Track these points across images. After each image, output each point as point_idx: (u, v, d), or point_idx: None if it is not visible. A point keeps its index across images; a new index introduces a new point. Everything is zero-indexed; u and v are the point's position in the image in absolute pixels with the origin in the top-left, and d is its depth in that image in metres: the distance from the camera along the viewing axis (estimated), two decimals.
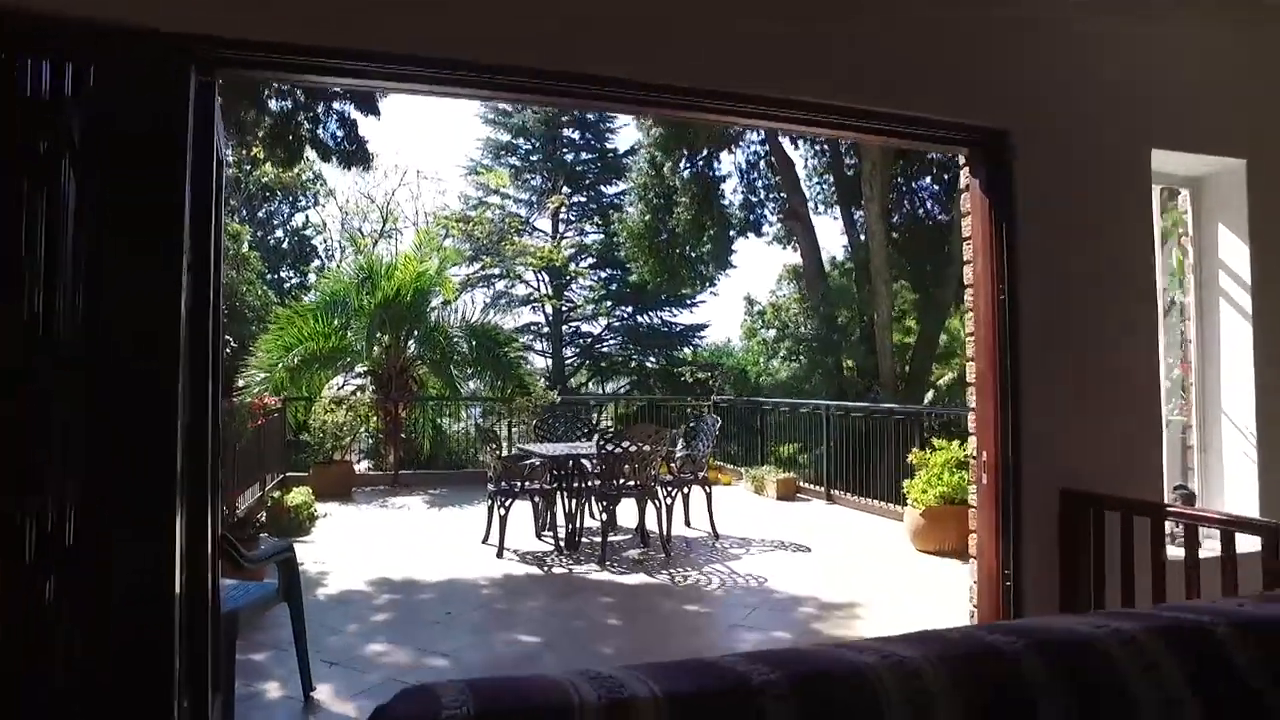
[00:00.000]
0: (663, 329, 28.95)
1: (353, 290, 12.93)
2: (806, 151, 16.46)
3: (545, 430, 9.15)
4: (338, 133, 9.51)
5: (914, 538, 7.42)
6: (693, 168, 14.94)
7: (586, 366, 31.15)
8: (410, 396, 13.32)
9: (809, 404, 11.07)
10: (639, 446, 7.12)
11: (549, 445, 8.43)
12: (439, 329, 12.99)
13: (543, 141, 28.21)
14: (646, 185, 15.80)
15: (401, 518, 9.36)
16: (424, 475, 12.24)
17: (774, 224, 17.00)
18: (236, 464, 7.73)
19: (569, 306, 29.55)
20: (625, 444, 7.11)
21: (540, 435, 9.09)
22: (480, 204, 26.42)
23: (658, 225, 15.88)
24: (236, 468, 7.67)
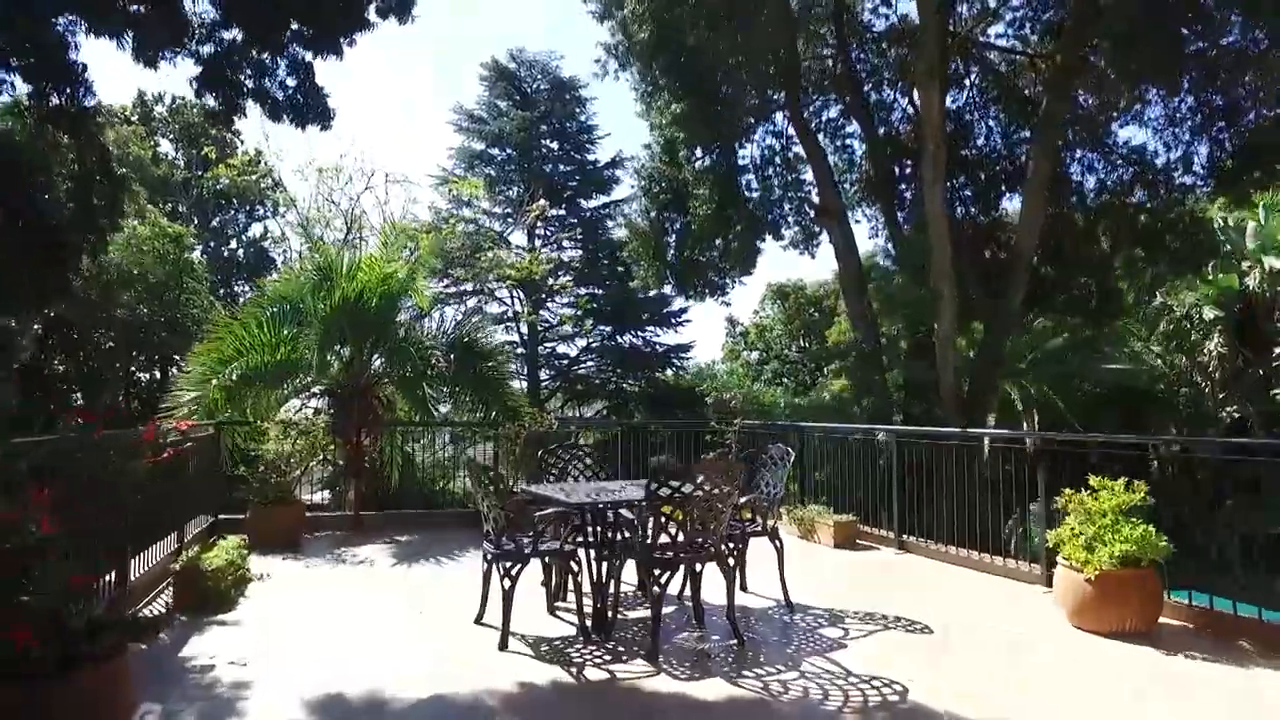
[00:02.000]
0: (645, 349, 26.80)
1: (307, 293, 10.59)
2: (837, 141, 14.54)
3: (553, 466, 6.89)
4: (288, 81, 7.25)
5: (1076, 612, 5.29)
6: (711, 156, 12.88)
7: (563, 390, 28.92)
8: (375, 421, 10.98)
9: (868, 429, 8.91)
10: (718, 489, 4.93)
11: (561, 487, 6.20)
12: (410, 340, 10.67)
13: (520, 151, 26.09)
14: (654, 178, 13.68)
15: (363, 579, 7.00)
16: (391, 517, 9.87)
17: (793, 225, 15.00)
18: (128, 515, 5.39)
19: (545, 326, 27.34)
20: (700, 486, 4.91)
21: (547, 473, 6.83)
22: (451, 216, 24.16)
23: (664, 224, 13.77)
24: (127, 520, 5.32)
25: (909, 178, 13.54)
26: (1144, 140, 12.75)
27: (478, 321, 12.48)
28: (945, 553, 7.54)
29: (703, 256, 14.06)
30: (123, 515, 5.35)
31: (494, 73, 26.55)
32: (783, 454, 6.31)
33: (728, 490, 5.04)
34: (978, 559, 7.16)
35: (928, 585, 6.74)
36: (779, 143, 14.04)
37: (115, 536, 5.31)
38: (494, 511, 5.20)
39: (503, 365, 11.46)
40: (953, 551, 7.47)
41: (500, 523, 5.18)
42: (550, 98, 26.56)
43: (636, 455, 11.52)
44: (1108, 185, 12.79)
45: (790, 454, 6.22)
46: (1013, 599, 6.19)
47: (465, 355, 11.07)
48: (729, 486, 5.04)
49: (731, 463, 5.16)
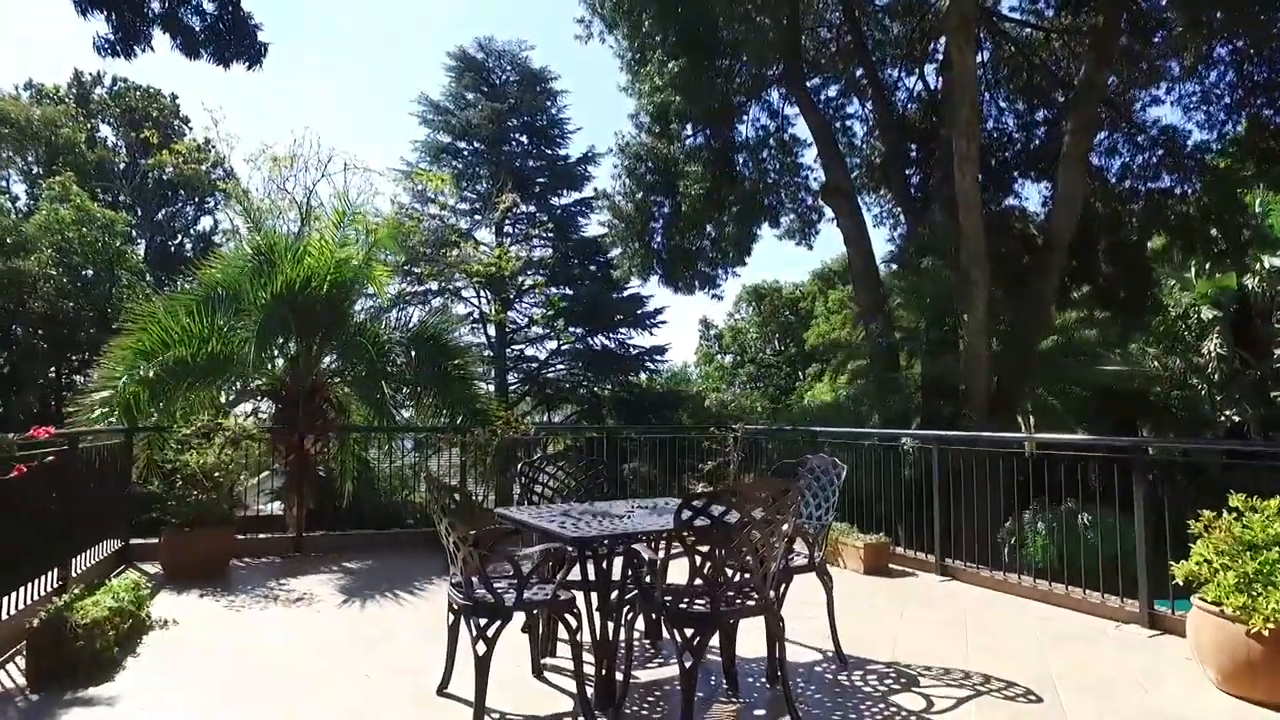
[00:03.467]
0: (618, 352, 25.38)
1: (246, 278, 9.06)
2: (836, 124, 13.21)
3: (535, 483, 5.47)
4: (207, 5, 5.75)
5: (1232, 677, 4.01)
6: (704, 133, 11.50)
7: (532, 394, 27.40)
8: (325, 425, 9.49)
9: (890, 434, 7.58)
10: (774, 518, 3.58)
11: (549, 511, 4.81)
12: (365, 334, 9.17)
13: (488, 144, 24.57)
14: (640, 156, 12.29)
15: (298, 625, 5.50)
16: (343, 539, 8.36)
17: (790, 212, 13.66)
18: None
19: (514, 327, 25.83)
20: (749, 514, 3.54)
21: (528, 491, 5.41)
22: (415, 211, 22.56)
23: (650, 208, 12.38)
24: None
25: (916, 162, 12.35)
26: (1173, 121, 11.60)
27: (443, 316, 10.99)
28: (999, 580, 6.27)
29: (692, 244, 12.71)
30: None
31: (461, 62, 25.04)
32: (827, 467, 4.97)
33: (785, 520, 3.69)
34: (1042, 588, 5.89)
35: (998, 624, 5.43)
36: (774, 123, 12.78)
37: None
38: (463, 549, 3.78)
39: (470, 364, 10.00)
40: (1009, 580, 6.19)
41: (472, 563, 3.76)
42: (520, 90, 25.11)
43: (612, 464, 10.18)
44: (1133, 168, 11.76)
45: (839, 468, 4.88)
46: (1120, 647, 4.89)
47: (429, 352, 9.62)
48: (787, 515, 3.68)
49: (789, 483, 3.79)
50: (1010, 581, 6.16)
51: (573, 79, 34.40)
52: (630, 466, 15.22)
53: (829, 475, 4.91)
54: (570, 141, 25.56)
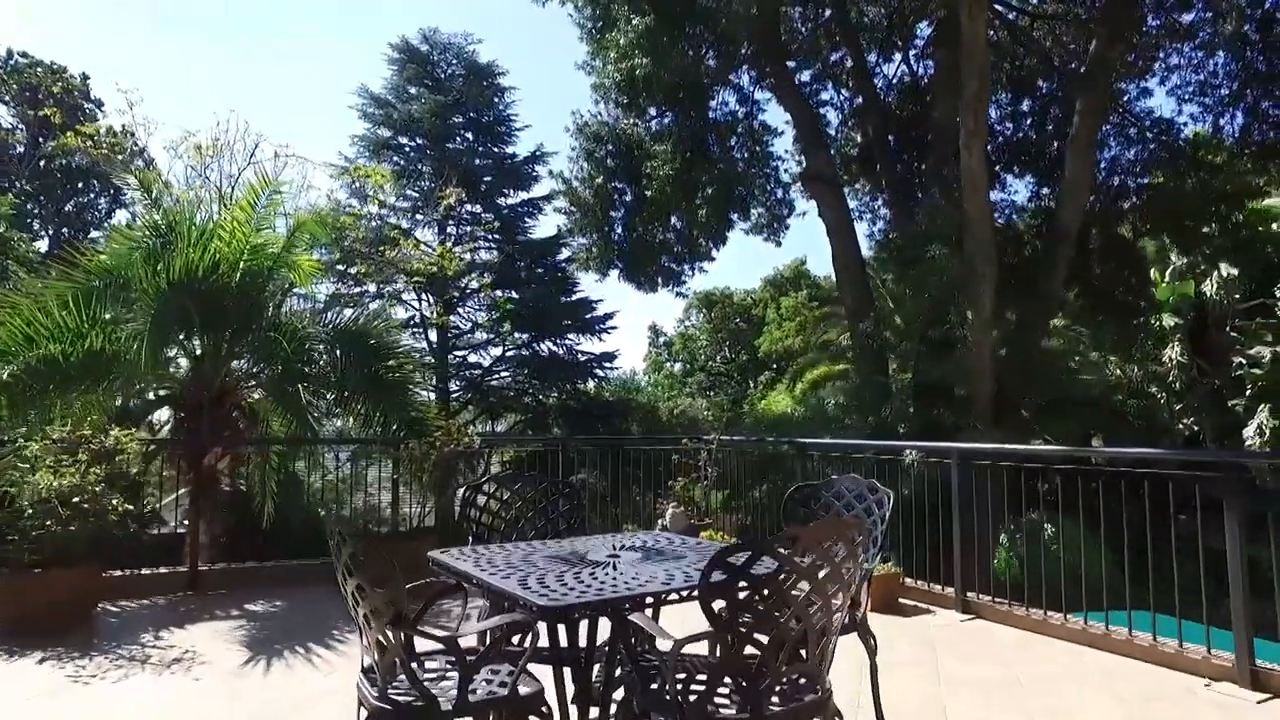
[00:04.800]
0: (566, 358, 24.05)
1: (139, 263, 7.56)
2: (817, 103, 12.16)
3: (484, 511, 4.20)
4: None
5: None
6: (674, 113, 10.31)
7: (475, 402, 25.88)
8: (235, 437, 8.06)
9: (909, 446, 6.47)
10: (849, 575, 2.42)
11: (502, 554, 3.57)
12: (283, 330, 7.74)
13: (431, 139, 23.07)
14: (600, 137, 11.06)
15: (169, 703, 4.09)
16: (251, 572, 6.92)
17: (760, 205, 12.56)
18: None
19: (457, 333, 24.31)
20: (815, 570, 2.36)
21: (473, 524, 4.13)
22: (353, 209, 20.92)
23: (611, 195, 11.15)
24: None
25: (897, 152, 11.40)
26: (1169, 113, 10.87)
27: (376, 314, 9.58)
28: (1037, 620, 5.20)
29: (657, 236, 11.52)
30: None
31: (403, 54, 23.48)
32: (863, 492, 3.82)
33: (852, 578, 2.51)
34: (1094, 630, 4.84)
35: (1058, 681, 4.34)
36: (744, 109, 11.72)
37: None
38: (376, 624, 2.50)
39: (406, 367, 8.63)
40: (1053, 620, 5.13)
41: (393, 647, 2.48)
42: (466, 84, 23.66)
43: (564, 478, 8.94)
44: (1123, 162, 11.06)
45: (878, 493, 3.73)
46: (1224, 715, 3.84)
47: (358, 353, 8.21)
48: (856, 569, 2.51)
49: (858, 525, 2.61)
50: (1052, 622, 5.10)
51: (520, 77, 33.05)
52: (578, 477, 13.97)
53: (866, 503, 3.75)
54: (518, 139, 24.21)
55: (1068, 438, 11.14)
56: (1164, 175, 10.50)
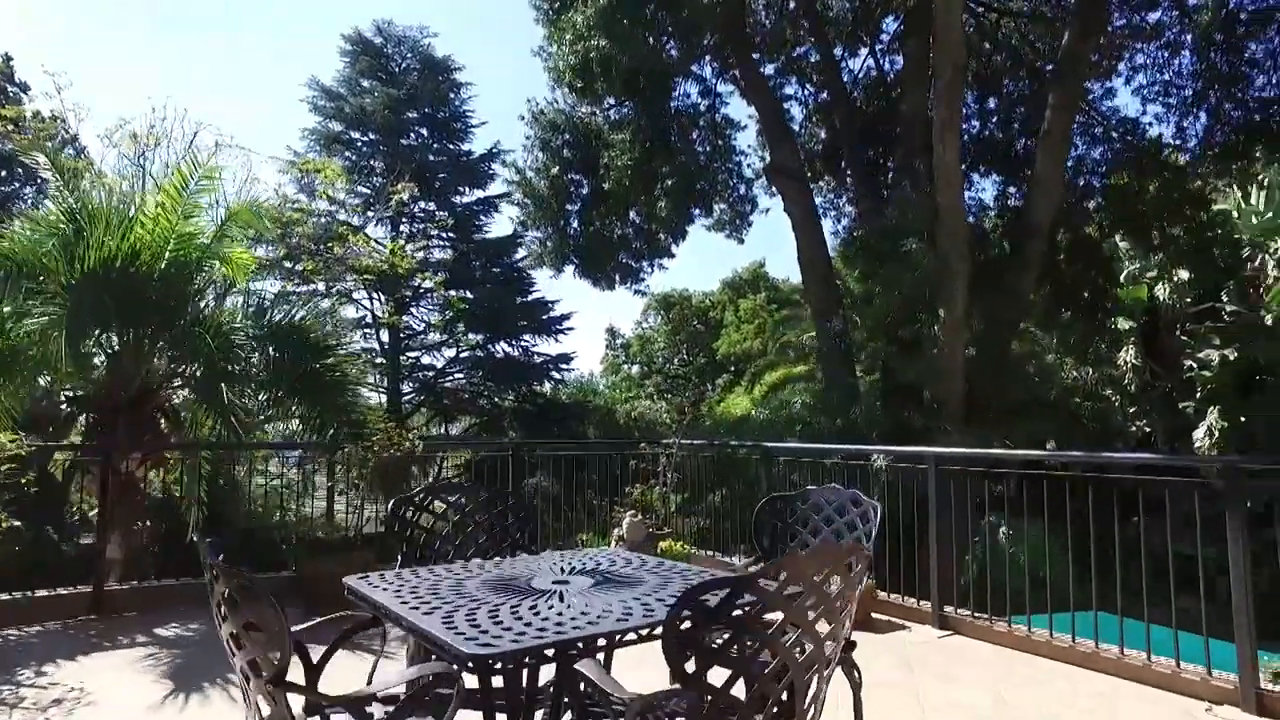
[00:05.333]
0: (521, 360, 23.44)
1: (51, 251, 6.88)
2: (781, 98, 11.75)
3: (417, 526, 3.68)
4: None
5: None
6: (634, 102, 9.78)
7: (429, 404, 25.11)
8: (156, 442, 7.40)
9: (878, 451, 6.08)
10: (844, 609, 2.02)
11: (439, 582, 3.05)
12: (207, 325, 7.10)
13: (384, 134, 22.31)
14: (556, 126, 10.52)
15: None
16: (166, 591, 6.26)
17: (723, 200, 12.12)
18: None
19: (409, 333, 23.56)
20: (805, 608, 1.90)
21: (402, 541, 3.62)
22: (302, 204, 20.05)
23: (568, 187, 10.63)
24: None
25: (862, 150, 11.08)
26: (1134, 112, 10.69)
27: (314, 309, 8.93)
28: (1019, 636, 4.84)
29: (615, 231, 11.02)
30: None
31: (356, 46, 22.68)
32: (844, 504, 3.39)
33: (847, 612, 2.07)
34: (1082, 648, 4.49)
35: (1050, 706, 3.97)
36: (706, 101, 11.29)
37: None
38: (255, 684, 1.98)
39: (347, 366, 8.02)
40: (1037, 637, 4.77)
41: (276, 711, 1.96)
42: (421, 79, 22.94)
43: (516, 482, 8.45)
44: (1088, 162, 10.90)
45: (865, 506, 3.31)
46: None
47: (294, 351, 7.58)
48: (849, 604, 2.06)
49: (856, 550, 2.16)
50: (1036, 639, 4.74)
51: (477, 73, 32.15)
52: (531, 482, 13.40)
53: (849, 517, 3.33)
54: (474, 136, 23.55)
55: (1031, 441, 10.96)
56: (1128, 175, 10.38)
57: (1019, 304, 8.86)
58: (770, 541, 3.54)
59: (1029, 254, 8.84)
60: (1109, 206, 10.20)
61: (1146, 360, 16.75)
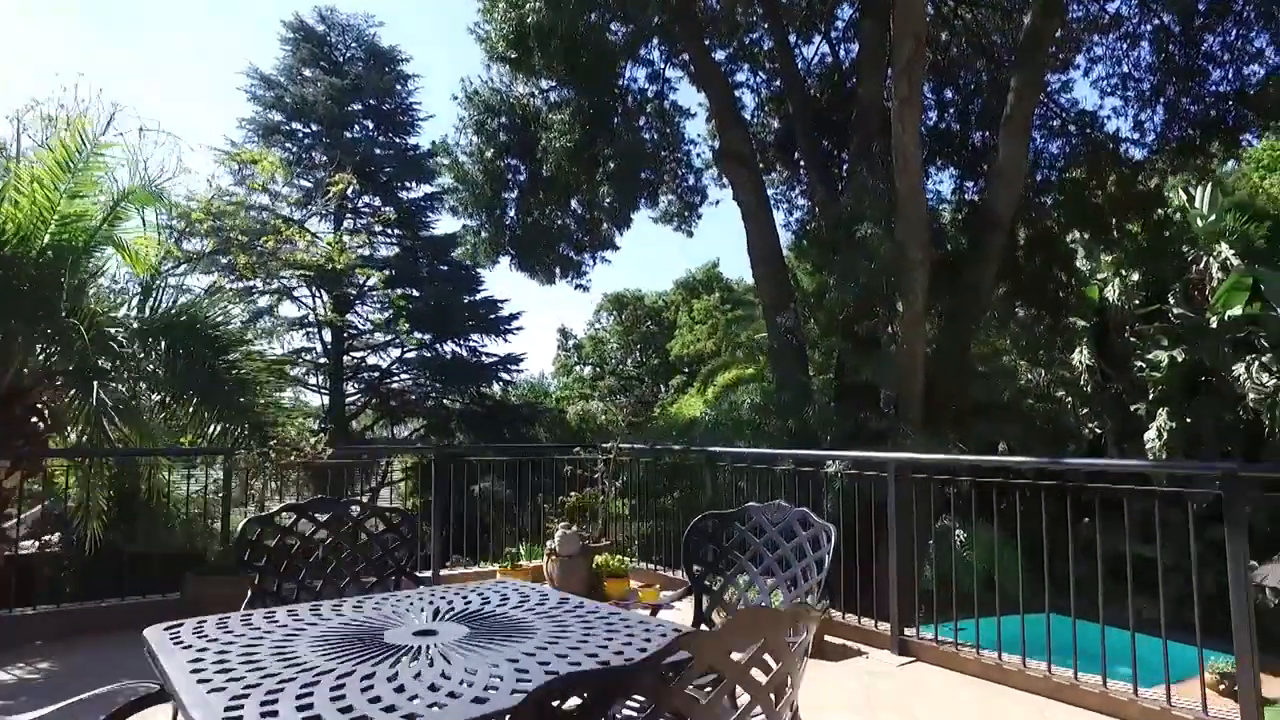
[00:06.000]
0: (470, 360, 22.63)
1: None
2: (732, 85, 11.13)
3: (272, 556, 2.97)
4: None
5: None
6: (575, 85, 9.07)
7: (375, 406, 24.10)
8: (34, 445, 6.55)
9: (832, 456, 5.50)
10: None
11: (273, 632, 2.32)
12: (82, 315, 6.24)
13: (326, 126, 21.32)
14: (491, 107, 9.79)
15: None
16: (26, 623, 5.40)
17: (671, 191, 11.47)
18: None
19: (354, 333, 22.57)
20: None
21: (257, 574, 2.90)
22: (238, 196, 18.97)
23: (504, 173, 9.89)
24: None
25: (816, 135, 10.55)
26: (1093, 106, 10.36)
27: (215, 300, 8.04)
28: (989, 664, 4.29)
29: (554, 221, 10.31)
30: None
31: (298, 33, 21.64)
32: (792, 525, 2.77)
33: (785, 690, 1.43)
34: (1059, 679, 3.95)
35: None
36: (654, 87, 10.66)
37: None
38: None
39: (251, 362, 7.20)
40: (1009, 665, 4.22)
41: None
42: (366, 69, 22.00)
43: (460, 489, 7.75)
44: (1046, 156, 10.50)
45: (815, 529, 2.69)
46: None
47: (190, 347, 6.74)
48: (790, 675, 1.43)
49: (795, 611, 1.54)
50: (1007, 668, 4.19)
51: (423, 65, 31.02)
52: (481, 486, 12.65)
53: (797, 541, 2.71)
54: (421, 130, 22.70)
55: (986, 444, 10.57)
56: (1085, 170, 10.05)
57: (979, 300, 8.40)
58: (703, 569, 2.90)
59: (989, 247, 8.38)
60: (1065, 202, 9.85)
61: (1098, 361, 16.64)
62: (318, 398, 23.16)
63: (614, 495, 6.78)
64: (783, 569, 2.70)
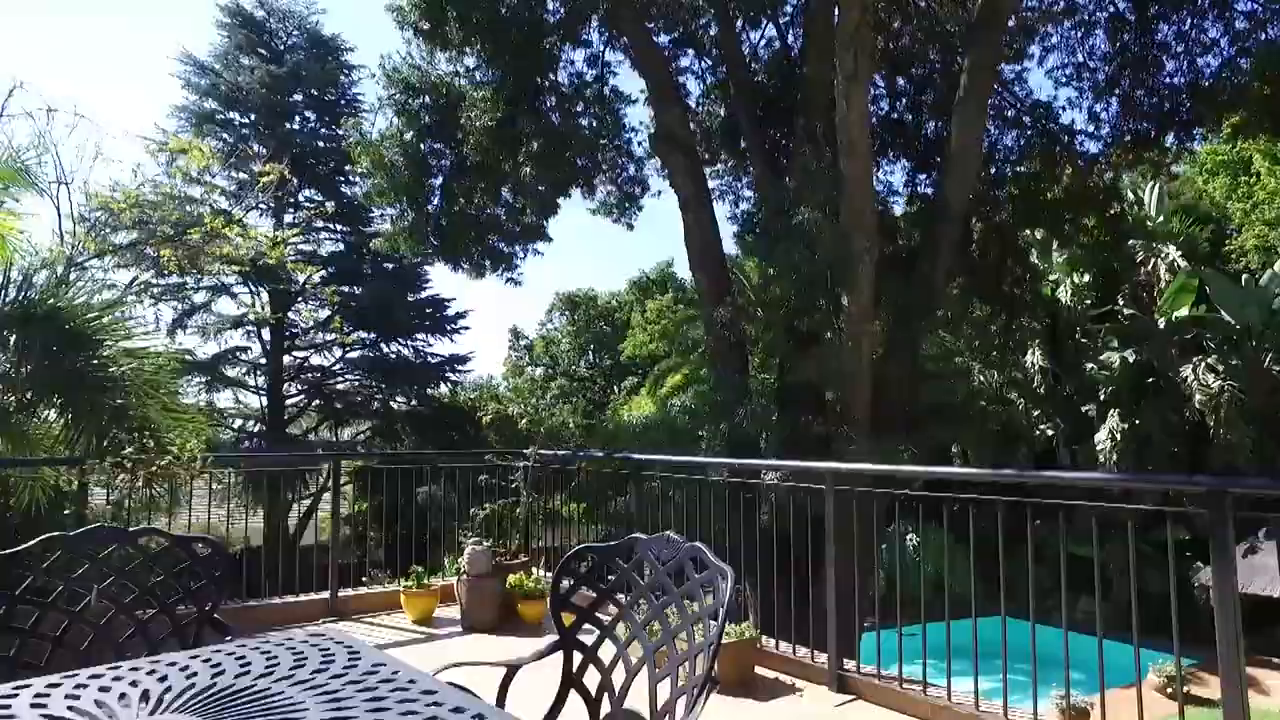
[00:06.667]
0: (415, 361, 21.75)
1: None
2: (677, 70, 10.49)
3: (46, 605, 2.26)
4: None
5: None
6: (503, 61, 8.32)
7: (317, 408, 23.05)
8: None
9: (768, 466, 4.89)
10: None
11: None
12: None
13: (263, 115, 20.29)
14: (412, 85, 9.03)
15: None
16: None
17: (610, 181, 10.80)
18: None
19: (294, 332, 21.52)
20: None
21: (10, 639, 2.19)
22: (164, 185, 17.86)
23: (427, 158, 9.15)
24: None
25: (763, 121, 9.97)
26: (1048, 96, 9.93)
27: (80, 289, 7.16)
28: (932, 703, 3.72)
29: (483, 210, 9.56)
30: None
31: (234, 18, 20.54)
32: (684, 565, 2.14)
33: None
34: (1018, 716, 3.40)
35: None
36: (594, 71, 9.97)
37: None
38: None
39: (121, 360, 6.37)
40: (954, 708, 3.65)
41: None
42: (307, 58, 20.99)
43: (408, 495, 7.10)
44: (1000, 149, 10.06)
45: (710, 571, 2.05)
46: None
47: (49, 341, 5.92)
48: None
49: None
50: (958, 710, 3.62)
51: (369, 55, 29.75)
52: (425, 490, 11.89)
53: (687, 587, 2.08)
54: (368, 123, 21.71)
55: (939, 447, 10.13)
56: (1040, 163, 9.67)
57: (932, 295, 7.89)
58: (577, 618, 2.26)
59: (943, 238, 7.87)
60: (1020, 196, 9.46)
61: (1050, 363, 16.41)
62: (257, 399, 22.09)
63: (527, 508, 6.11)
64: (667, 622, 2.07)
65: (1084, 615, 12.93)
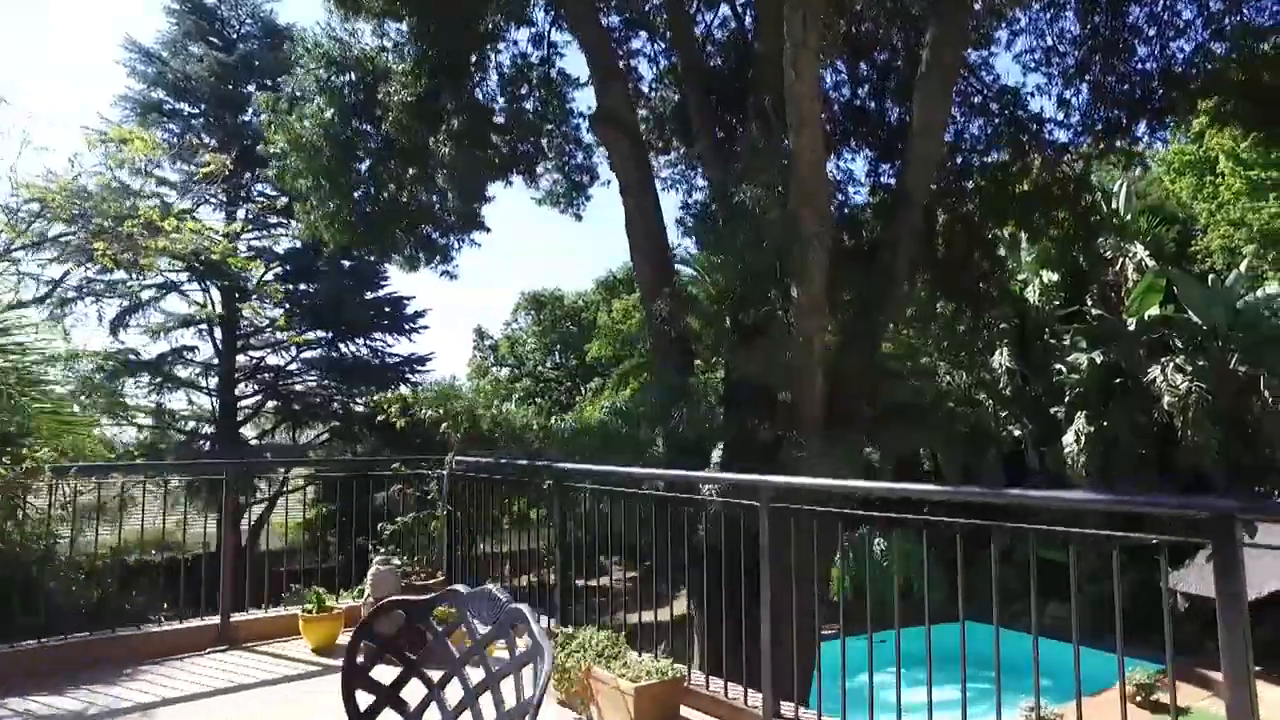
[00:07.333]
0: (373, 361, 20.96)
1: None
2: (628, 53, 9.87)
3: None
4: None
5: None
6: (429, 27, 7.63)
7: (274, 410, 22.17)
8: None
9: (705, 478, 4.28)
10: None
11: None
12: None
13: (213, 105, 19.40)
14: (336, 63, 8.32)
15: None
16: None
17: (555, 169, 10.14)
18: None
19: (247, 330, 20.62)
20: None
21: None
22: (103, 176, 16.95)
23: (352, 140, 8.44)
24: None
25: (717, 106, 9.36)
26: (1016, 82, 9.39)
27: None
28: None
29: (415, 196, 8.85)
30: None
31: (184, 4, 19.61)
32: (505, 629, 1.51)
33: None
34: None
35: None
36: (540, 53, 9.30)
37: None
38: None
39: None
40: None
41: None
42: (261, 47, 20.11)
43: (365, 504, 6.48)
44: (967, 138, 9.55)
45: (535, 640, 1.43)
46: None
47: None
48: None
49: None
50: None
51: None
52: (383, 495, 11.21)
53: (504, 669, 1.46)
54: None
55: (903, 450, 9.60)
56: (1009, 152, 9.19)
57: (893, 288, 7.32)
58: (377, 699, 1.64)
59: (905, 224, 7.30)
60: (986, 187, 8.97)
61: (1018, 363, 16.03)
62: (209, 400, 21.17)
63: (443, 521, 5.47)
64: (472, 698, 1.46)
65: (1053, 620, 12.51)
